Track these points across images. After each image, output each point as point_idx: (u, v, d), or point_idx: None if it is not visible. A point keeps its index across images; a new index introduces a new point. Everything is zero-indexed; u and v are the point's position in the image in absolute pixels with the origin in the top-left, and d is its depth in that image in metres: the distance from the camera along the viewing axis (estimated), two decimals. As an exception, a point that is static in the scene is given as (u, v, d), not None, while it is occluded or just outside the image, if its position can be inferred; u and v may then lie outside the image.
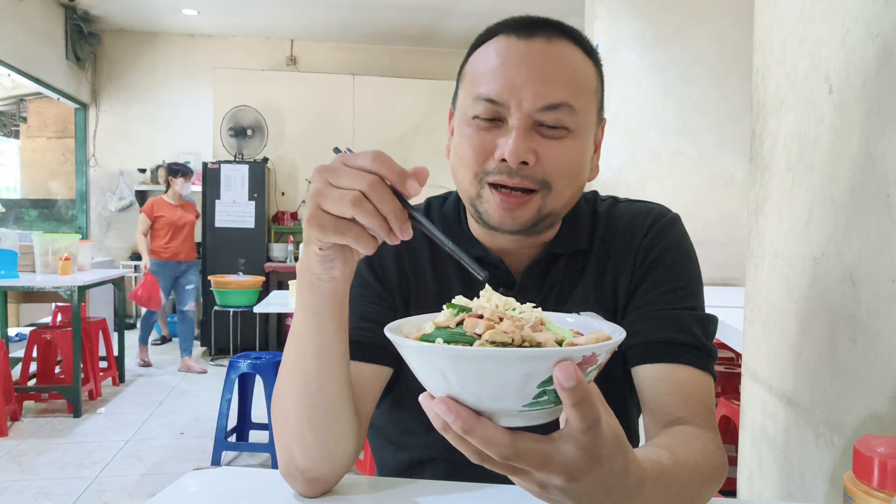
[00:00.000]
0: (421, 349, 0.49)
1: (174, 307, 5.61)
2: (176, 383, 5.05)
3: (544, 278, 0.89)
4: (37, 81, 6.18)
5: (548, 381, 0.46)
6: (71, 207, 8.09)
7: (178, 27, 7.16)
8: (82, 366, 4.32)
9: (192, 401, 4.60)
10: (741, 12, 3.07)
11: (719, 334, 1.48)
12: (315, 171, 0.59)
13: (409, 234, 0.58)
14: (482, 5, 6.10)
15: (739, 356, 1.62)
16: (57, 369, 4.54)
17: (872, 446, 0.59)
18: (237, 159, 6.42)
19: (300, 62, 7.46)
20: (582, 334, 0.54)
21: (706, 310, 0.87)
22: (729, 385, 2.43)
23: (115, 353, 4.97)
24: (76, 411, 4.11)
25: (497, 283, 0.88)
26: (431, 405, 0.49)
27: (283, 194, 7.15)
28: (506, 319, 0.50)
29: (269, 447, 3.26)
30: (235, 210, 6.29)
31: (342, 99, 7.08)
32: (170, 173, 5.47)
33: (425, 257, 0.91)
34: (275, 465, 0.95)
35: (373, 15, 6.55)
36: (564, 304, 0.87)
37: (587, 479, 0.49)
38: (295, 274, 0.69)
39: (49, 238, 4.58)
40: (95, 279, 4.42)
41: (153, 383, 5.04)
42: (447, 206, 0.94)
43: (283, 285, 5.83)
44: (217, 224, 6.22)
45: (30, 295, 4.81)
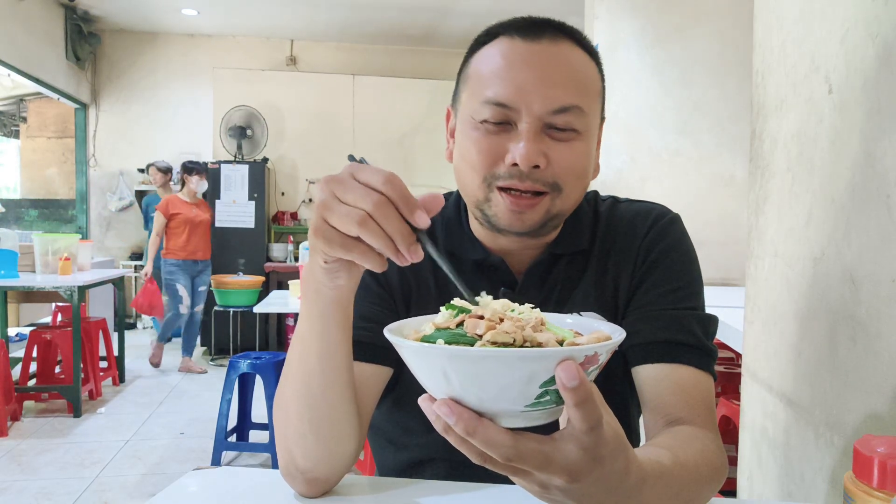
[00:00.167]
0: (422, 350, 0.49)
1: None
2: (176, 383, 5.05)
3: (545, 279, 0.89)
4: (37, 81, 6.18)
5: (550, 382, 0.46)
6: (71, 207, 8.09)
7: (178, 27, 7.16)
8: (82, 366, 4.32)
9: (192, 401, 4.60)
10: (741, 12, 3.06)
11: (719, 334, 1.48)
12: (322, 182, 0.58)
13: (420, 256, 0.57)
14: (482, 5, 6.10)
15: (739, 356, 1.62)
16: (57, 369, 4.54)
17: (872, 446, 0.59)
18: (237, 159, 6.42)
19: (300, 62, 7.46)
20: (582, 335, 0.54)
21: (706, 310, 0.87)
22: (729, 385, 2.43)
23: (115, 353, 4.97)
24: (76, 411, 4.11)
25: (499, 284, 0.88)
26: (433, 407, 0.48)
27: (283, 194, 7.16)
28: (507, 320, 0.50)
29: (269, 447, 3.26)
30: (235, 210, 6.29)
31: (342, 99, 7.08)
32: (185, 171, 5.36)
33: (426, 259, 0.91)
34: (275, 465, 0.95)
35: (373, 15, 6.54)
36: (565, 305, 0.87)
37: (588, 480, 0.49)
38: (295, 274, 0.69)
39: (49, 238, 4.58)
40: (95, 279, 4.42)
41: (153, 383, 5.04)
42: (448, 207, 0.94)
43: (283, 285, 5.82)
44: (217, 224, 6.20)
45: (30, 295, 4.82)
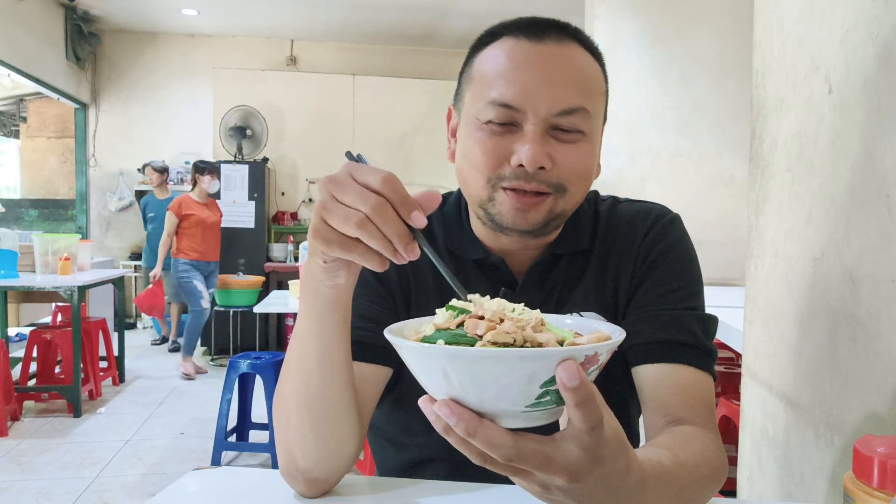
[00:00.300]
0: (422, 351, 0.49)
1: (186, 309, 5.51)
2: (176, 383, 5.05)
3: (546, 279, 0.88)
4: (37, 81, 6.18)
5: (550, 382, 0.46)
6: (71, 207, 8.09)
7: (178, 27, 7.16)
8: (82, 366, 4.32)
9: (192, 401, 4.60)
10: (741, 12, 3.07)
11: (719, 334, 1.48)
12: (321, 183, 0.58)
13: (416, 255, 0.58)
14: (482, 5, 6.10)
15: (739, 356, 1.62)
16: (57, 369, 4.54)
17: (872, 446, 0.59)
18: (237, 159, 6.42)
19: (300, 62, 7.46)
20: (581, 335, 0.53)
21: (706, 310, 0.87)
22: (729, 385, 2.43)
23: (115, 353, 4.97)
24: (76, 411, 4.11)
25: (499, 284, 0.88)
26: (433, 408, 0.48)
27: (283, 194, 7.16)
28: (507, 320, 0.50)
29: (269, 447, 3.26)
30: (235, 210, 6.28)
31: (342, 99, 7.08)
32: (196, 171, 5.29)
33: (426, 258, 0.90)
34: (275, 465, 0.95)
35: (373, 15, 6.54)
36: (565, 305, 0.87)
37: (589, 480, 0.49)
38: (295, 274, 0.69)
39: (49, 238, 4.58)
40: (95, 279, 4.42)
41: (153, 383, 5.04)
42: (448, 207, 0.94)
43: (283, 285, 5.82)
44: (217, 224, 6.22)
45: (30, 295, 4.82)
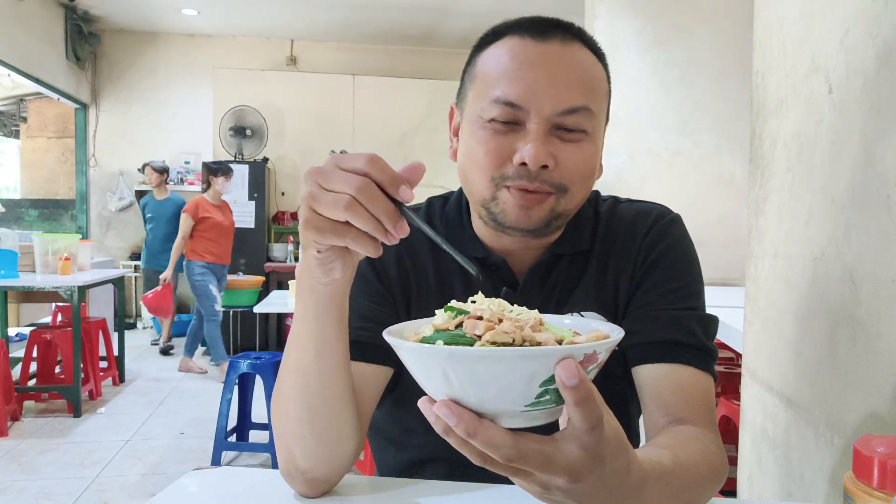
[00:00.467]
0: (422, 351, 0.49)
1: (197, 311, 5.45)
2: (176, 383, 5.05)
3: (547, 279, 0.88)
4: (37, 81, 6.18)
5: (550, 381, 0.46)
6: (71, 207, 8.09)
7: (178, 27, 7.16)
8: (82, 366, 4.32)
9: (192, 401, 4.60)
10: (741, 12, 3.07)
11: (719, 334, 1.47)
12: (306, 175, 0.58)
13: (406, 232, 0.58)
14: (482, 5, 6.10)
15: (739, 356, 1.62)
16: (57, 369, 4.54)
17: (872, 446, 0.59)
18: (237, 159, 6.42)
19: (300, 62, 7.46)
20: (580, 334, 0.54)
21: (707, 310, 0.87)
22: (729, 385, 2.43)
23: (115, 353, 4.97)
24: (76, 411, 4.11)
25: (500, 284, 0.88)
26: (433, 409, 0.48)
27: (283, 194, 7.16)
28: (505, 320, 0.50)
29: (269, 447, 3.26)
30: (235, 210, 6.24)
31: (342, 99, 7.08)
32: (210, 172, 5.19)
33: (426, 256, 0.90)
34: (275, 465, 0.95)
35: (373, 15, 6.54)
36: (566, 305, 0.87)
37: (589, 479, 0.49)
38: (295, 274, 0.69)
39: (49, 238, 4.58)
40: (95, 279, 4.42)
41: (153, 383, 5.04)
42: (449, 207, 0.94)
43: (283, 285, 5.83)
44: (217, 224, 6.21)
45: (30, 295, 4.81)
